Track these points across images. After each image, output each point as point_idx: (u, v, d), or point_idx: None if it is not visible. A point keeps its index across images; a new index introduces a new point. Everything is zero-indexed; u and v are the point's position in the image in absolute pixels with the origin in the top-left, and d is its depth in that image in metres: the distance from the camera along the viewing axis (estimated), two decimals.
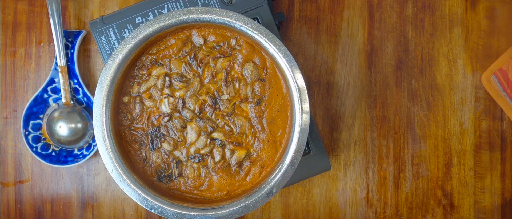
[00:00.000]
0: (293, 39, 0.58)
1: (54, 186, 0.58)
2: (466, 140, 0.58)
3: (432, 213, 0.59)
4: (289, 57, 0.44)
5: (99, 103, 0.45)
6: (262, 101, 0.47)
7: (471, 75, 0.58)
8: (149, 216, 0.58)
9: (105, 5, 0.58)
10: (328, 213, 0.59)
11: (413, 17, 0.59)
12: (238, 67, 0.47)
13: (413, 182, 0.58)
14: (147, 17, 0.52)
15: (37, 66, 0.58)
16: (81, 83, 0.56)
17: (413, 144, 0.58)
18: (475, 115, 0.58)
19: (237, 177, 0.47)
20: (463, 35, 0.58)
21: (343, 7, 0.58)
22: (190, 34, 0.47)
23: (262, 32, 0.44)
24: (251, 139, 0.47)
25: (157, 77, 0.47)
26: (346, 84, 0.58)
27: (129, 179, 0.44)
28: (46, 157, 0.57)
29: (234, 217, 0.44)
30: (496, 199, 0.58)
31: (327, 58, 0.58)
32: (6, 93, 0.58)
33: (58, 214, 0.59)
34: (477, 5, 0.58)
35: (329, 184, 0.59)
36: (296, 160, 0.44)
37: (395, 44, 0.58)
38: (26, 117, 0.56)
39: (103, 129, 0.45)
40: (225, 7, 0.52)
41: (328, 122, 0.58)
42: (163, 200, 0.44)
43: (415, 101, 0.58)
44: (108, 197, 0.59)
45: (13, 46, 0.58)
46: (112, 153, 0.45)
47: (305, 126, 0.44)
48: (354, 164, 0.59)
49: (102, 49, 0.52)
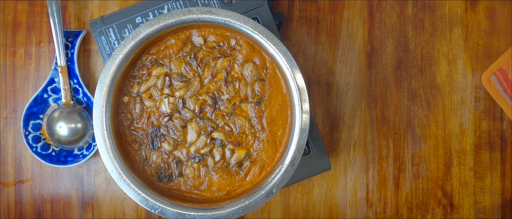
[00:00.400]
0: (293, 39, 0.58)
1: (54, 186, 0.58)
2: (466, 140, 0.58)
3: (432, 213, 0.59)
4: (289, 57, 0.44)
5: (99, 103, 0.45)
6: (262, 101, 0.47)
7: (471, 75, 0.58)
8: (149, 216, 0.58)
9: (105, 5, 0.58)
10: (328, 213, 0.59)
11: (413, 17, 0.59)
12: (238, 67, 0.47)
13: (413, 182, 0.58)
14: (147, 17, 0.52)
15: (37, 66, 0.58)
16: (81, 83, 0.56)
17: (413, 144, 0.58)
18: (475, 115, 0.58)
19: (237, 177, 0.47)
20: (463, 35, 0.58)
21: (343, 7, 0.58)
22: (190, 34, 0.47)
23: (262, 32, 0.44)
24: (251, 139, 0.47)
25: (157, 77, 0.47)
26: (346, 84, 0.58)
27: (129, 179, 0.44)
28: (46, 157, 0.57)
29: (234, 217, 0.44)
30: (496, 199, 0.58)
31: (327, 58, 0.58)
32: (6, 93, 0.58)
33: (58, 214, 0.59)
34: (477, 5, 0.58)
35: (329, 184, 0.59)
36: (296, 160, 0.44)
37: (395, 44, 0.58)
38: (26, 117, 0.56)
39: (103, 129, 0.45)
40: (225, 7, 0.52)
41: (328, 122, 0.58)
42: (163, 200, 0.44)
43: (415, 101, 0.58)
44: (108, 197, 0.59)
45: (13, 46, 0.58)
46: (112, 153, 0.45)
47: (305, 126, 0.44)
48: (354, 164, 0.59)
49: (102, 49, 0.52)
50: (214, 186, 0.47)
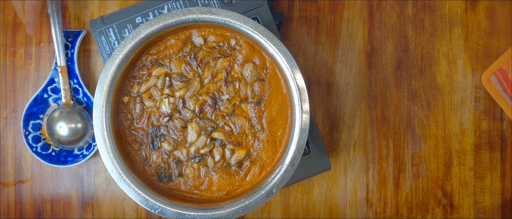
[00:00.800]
0: (293, 39, 0.58)
1: (54, 186, 0.58)
2: (466, 140, 0.58)
3: (432, 213, 0.59)
4: (289, 57, 0.44)
5: (99, 103, 0.45)
6: (261, 101, 0.47)
7: (471, 75, 0.58)
8: (149, 216, 0.58)
9: (105, 5, 0.58)
10: (328, 213, 0.59)
11: (413, 17, 0.59)
12: (238, 67, 0.47)
13: (413, 182, 0.58)
14: (147, 17, 0.52)
15: (37, 66, 0.58)
16: (81, 83, 0.56)
17: (413, 144, 0.58)
18: (475, 115, 0.58)
19: (237, 177, 0.47)
20: (463, 35, 0.58)
21: (343, 7, 0.58)
22: (190, 34, 0.47)
23: (262, 32, 0.44)
24: (251, 139, 0.47)
25: (157, 77, 0.47)
26: (346, 84, 0.58)
27: (129, 179, 0.44)
28: (46, 157, 0.57)
29: (234, 217, 0.44)
30: (496, 199, 0.58)
31: (327, 58, 0.58)
32: (6, 93, 0.58)
33: (58, 214, 0.59)
34: (477, 5, 0.58)
35: (329, 184, 0.59)
36: (296, 160, 0.44)
37: (395, 44, 0.58)
38: (26, 117, 0.56)
39: (103, 129, 0.45)
40: (225, 7, 0.52)
41: (328, 122, 0.58)
42: (163, 200, 0.44)
43: (415, 101, 0.58)
44: (108, 197, 0.59)
45: (13, 46, 0.58)
46: (112, 153, 0.45)
47: (305, 126, 0.44)
48: (354, 164, 0.59)
49: (102, 49, 0.52)
50: (214, 186, 0.47)
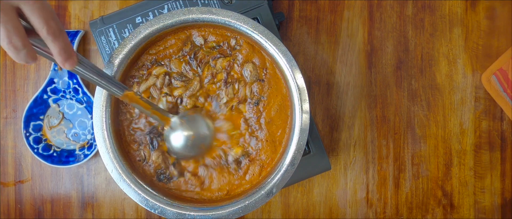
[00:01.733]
0: (293, 39, 0.58)
1: (54, 186, 0.58)
2: (466, 140, 0.58)
3: (432, 213, 0.59)
4: (289, 57, 0.44)
5: (99, 103, 0.45)
6: (260, 102, 0.47)
7: (471, 75, 0.58)
8: (149, 216, 0.58)
9: (105, 5, 0.58)
10: (328, 213, 0.59)
11: (413, 17, 0.58)
12: (238, 67, 0.47)
13: (413, 182, 0.58)
14: (147, 17, 0.52)
15: (37, 66, 0.58)
16: (81, 83, 0.56)
17: (413, 144, 0.58)
18: (475, 115, 0.58)
19: (236, 175, 0.47)
20: (463, 35, 0.58)
21: (343, 7, 0.58)
22: (190, 34, 0.47)
23: (262, 32, 0.44)
24: (248, 137, 0.47)
25: (157, 76, 0.47)
26: (346, 84, 0.58)
27: (129, 179, 0.44)
28: (48, 158, 0.57)
29: (234, 217, 0.44)
30: (496, 199, 0.58)
31: (327, 58, 0.58)
32: (6, 93, 0.58)
33: (58, 214, 0.59)
34: (477, 5, 0.58)
35: (329, 184, 0.59)
36: (296, 160, 0.44)
37: (395, 44, 0.58)
38: (26, 118, 0.56)
39: (103, 129, 0.45)
40: (225, 7, 0.52)
41: (328, 122, 0.58)
42: (163, 200, 0.44)
43: (415, 101, 0.58)
44: (108, 197, 0.59)
45: None
46: (112, 153, 0.45)
47: (305, 126, 0.44)
48: (354, 164, 0.58)
49: (102, 49, 0.52)
50: (214, 186, 0.47)
